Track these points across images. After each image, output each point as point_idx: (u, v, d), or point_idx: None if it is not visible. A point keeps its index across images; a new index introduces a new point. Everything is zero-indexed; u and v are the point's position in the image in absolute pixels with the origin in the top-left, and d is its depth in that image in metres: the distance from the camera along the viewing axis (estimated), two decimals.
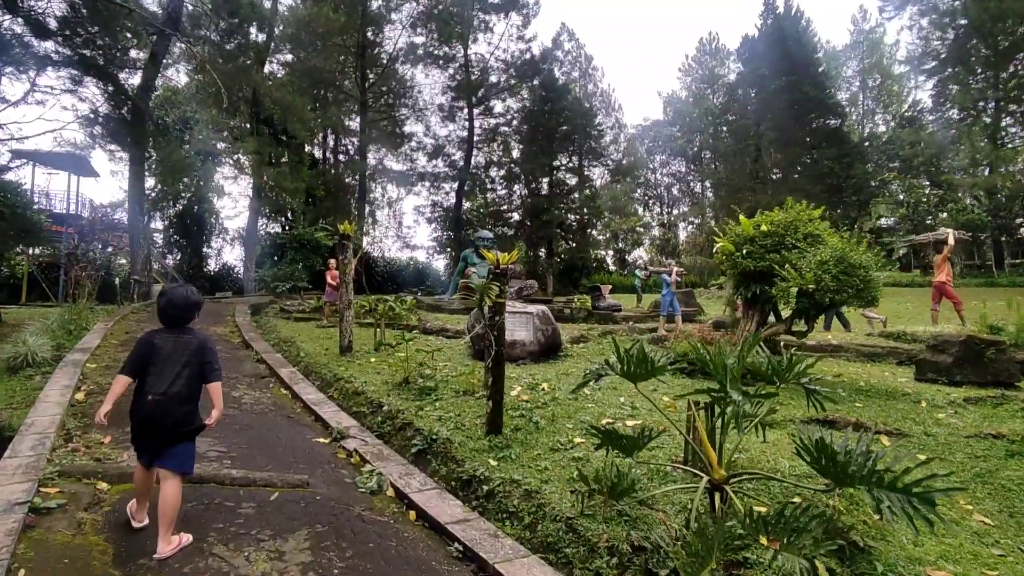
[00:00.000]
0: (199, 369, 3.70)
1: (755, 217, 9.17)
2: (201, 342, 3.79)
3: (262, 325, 14.39)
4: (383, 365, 9.17)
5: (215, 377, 3.78)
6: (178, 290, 3.97)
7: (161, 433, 3.55)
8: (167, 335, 3.73)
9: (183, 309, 3.83)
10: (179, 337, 3.74)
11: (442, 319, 13.99)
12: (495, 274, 5.90)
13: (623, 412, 6.65)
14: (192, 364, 3.67)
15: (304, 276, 18.78)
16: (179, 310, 3.81)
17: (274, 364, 9.17)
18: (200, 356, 3.72)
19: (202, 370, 3.72)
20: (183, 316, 3.83)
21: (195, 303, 3.92)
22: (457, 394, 7.39)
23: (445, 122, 37.23)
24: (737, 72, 39.63)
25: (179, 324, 3.81)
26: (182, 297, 3.87)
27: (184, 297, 3.87)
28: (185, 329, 3.83)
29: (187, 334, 3.79)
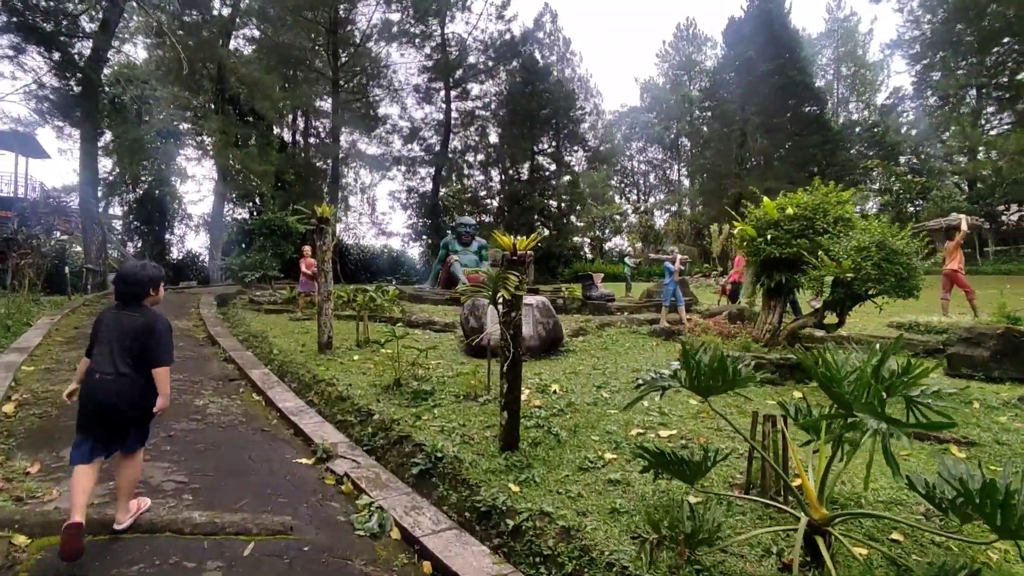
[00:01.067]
0: (143, 352, 3.42)
1: (777, 199, 8.41)
2: (148, 323, 3.48)
3: (230, 318, 13.21)
4: (368, 364, 8.21)
5: (161, 361, 3.48)
6: (130, 264, 3.77)
7: (108, 416, 3.35)
8: (115, 313, 3.52)
9: (133, 284, 3.54)
10: (126, 315, 3.48)
11: (428, 311, 13.01)
12: (511, 261, 4.97)
13: (652, 420, 5.83)
14: (136, 346, 3.41)
15: (275, 264, 17.56)
16: (129, 285, 3.53)
17: (244, 364, 8.11)
18: (144, 338, 3.42)
19: (146, 353, 3.42)
20: (133, 292, 3.53)
21: (147, 278, 3.59)
22: (457, 399, 6.47)
23: (421, 104, 35.93)
24: (720, 56, 39.10)
25: (130, 301, 3.53)
26: (132, 271, 3.61)
27: (133, 272, 3.59)
28: (136, 307, 3.53)
29: (135, 312, 3.50)
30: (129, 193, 34.50)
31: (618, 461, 4.84)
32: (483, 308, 9.08)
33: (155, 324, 3.50)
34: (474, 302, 9.27)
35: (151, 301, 3.65)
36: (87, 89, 16.54)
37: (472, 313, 9.12)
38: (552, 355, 9.17)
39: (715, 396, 3.61)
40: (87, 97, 16.42)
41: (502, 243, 5.05)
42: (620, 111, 60.20)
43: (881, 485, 4.24)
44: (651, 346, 10.24)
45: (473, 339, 8.94)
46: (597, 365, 8.38)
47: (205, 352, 9.25)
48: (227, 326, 11.98)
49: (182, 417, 5.63)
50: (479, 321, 8.99)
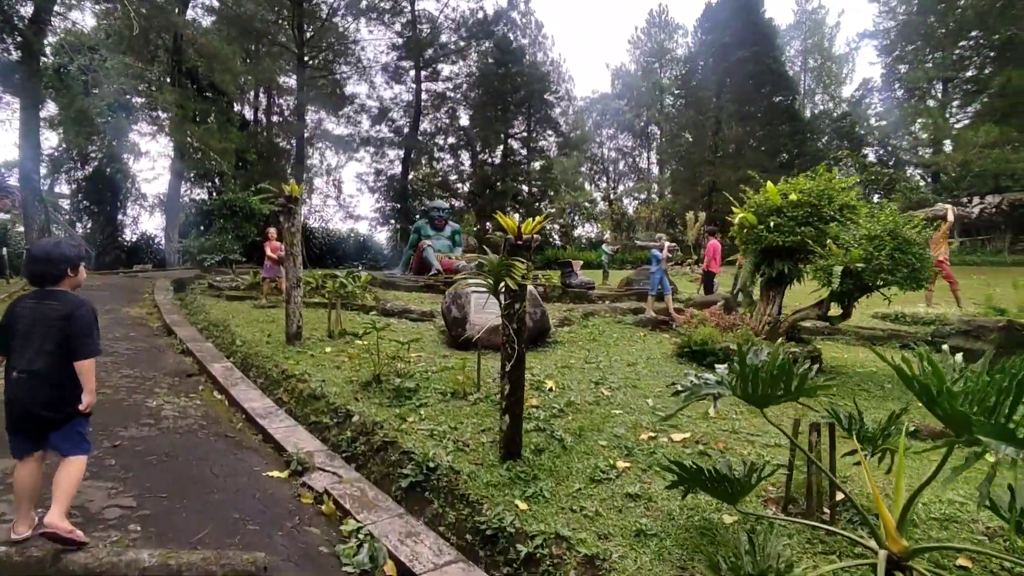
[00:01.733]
0: (64, 343, 3.01)
1: (779, 185, 8.00)
2: (68, 310, 3.06)
3: (188, 305, 12.29)
4: (342, 357, 7.54)
5: (85, 352, 3.06)
6: (43, 241, 3.37)
7: (33, 419, 3.00)
8: (30, 300, 3.10)
9: (45, 264, 3.09)
10: (41, 303, 3.07)
11: (402, 298, 12.32)
12: (515, 246, 4.38)
13: (658, 420, 5.35)
14: (54, 337, 3.01)
15: (237, 247, 16.55)
16: (41, 265, 3.09)
17: (204, 357, 7.34)
18: (64, 328, 3.02)
19: (68, 344, 3.02)
20: (47, 273, 3.10)
21: (62, 257, 3.13)
22: (445, 397, 5.89)
23: (390, 84, 34.67)
24: (692, 44, 38.83)
25: (43, 284, 3.11)
26: (43, 249, 3.16)
27: (46, 250, 3.15)
28: (51, 292, 3.10)
29: (51, 299, 3.08)
30: (78, 171, 32.52)
31: (633, 470, 4.34)
32: (466, 297, 8.48)
33: (77, 311, 3.08)
34: (456, 290, 8.66)
35: (71, 284, 3.20)
36: (27, 54, 15.14)
37: (455, 302, 8.51)
38: (540, 347, 8.63)
39: None
40: (27, 63, 15.02)
41: (506, 225, 4.46)
42: (591, 97, 59.78)
43: (930, 499, 3.83)
44: (640, 337, 9.80)
45: (457, 331, 8.35)
46: (589, 358, 7.88)
47: (159, 343, 8.41)
48: (185, 314, 11.09)
49: (131, 422, 4.90)
50: (462, 311, 8.39)
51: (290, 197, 8.24)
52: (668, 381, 6.73)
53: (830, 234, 7.24)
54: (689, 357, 7.59)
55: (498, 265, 4.35)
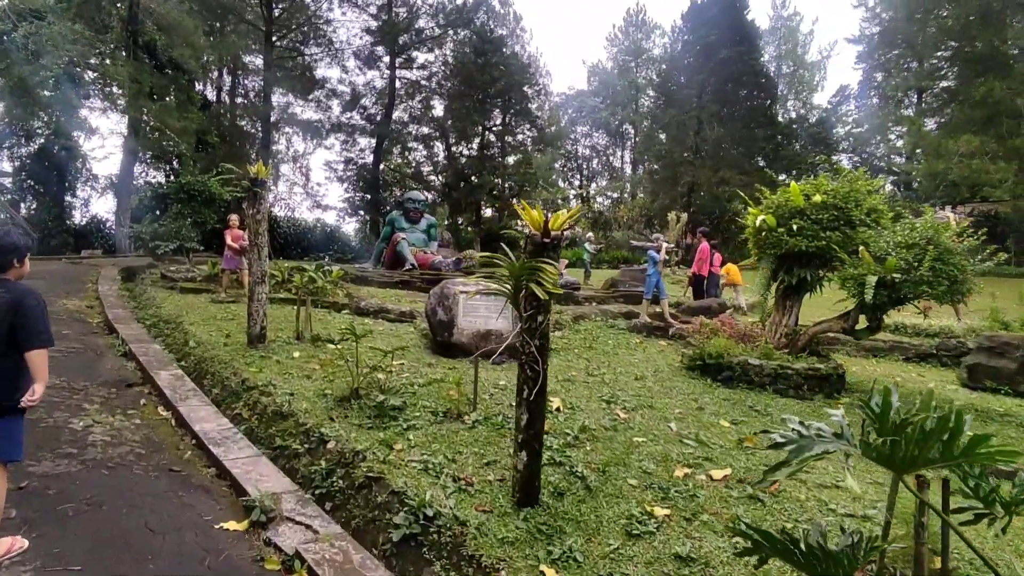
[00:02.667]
0: (9, 333, 2.90)
1: (801, 185, 7.36)
2: (15, 299, 2.94)
3: (136, 297, 11.09)
4: (313, 364, 6.60)
5: (34, 343, 2.93)
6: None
7: None
8: None
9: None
10: None
11: (377, 295, 11.35)
12: (539, 246, 3.56)
13: (690, 451, 4.61)
14: (1, 327, 2.88)
15: (194, 235, 15.22)
16: None
17: (149, 362, 6.30)
18: (11, 317, 2.90)
19: (13, 335, 2.90)
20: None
21: (10, 246, 3.04)
22: (436, 417, 5.04)
23: (363, 70, 33.22)
24: (675, 41, 38.33)
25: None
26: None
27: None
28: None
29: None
30: (21, 147, 30.32)
31: (675, 520, 3.58)
32: (454, 298, 7.61)
33: (24, 300, 2.96)
34: (443, 290, 7.78)
35: (15, 274, 3.09)
36: None
37: (441, 303, 7.62)
38: None
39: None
40: None
41: (529, 220, 3.62)
42: (567, 93, 59.19)
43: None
44: (637, 344, 9.10)
45: (443, 335, 7.48)
46: (591, 370, 7.12)
47: (98, 343, 7.29)
48: (132, 308, 9.92)
49: (47, 452, 3.90)
50: (449, 313, 7.52)
51: (256, 180, 7.24)
52: (685, 399, 6.03)
53: (859, 240, 6.62)
54: (701, 371, 6.89)
55: (521, 268, 3.51)
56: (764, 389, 6.39)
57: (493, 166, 30.75)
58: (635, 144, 59.16)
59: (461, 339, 7.42)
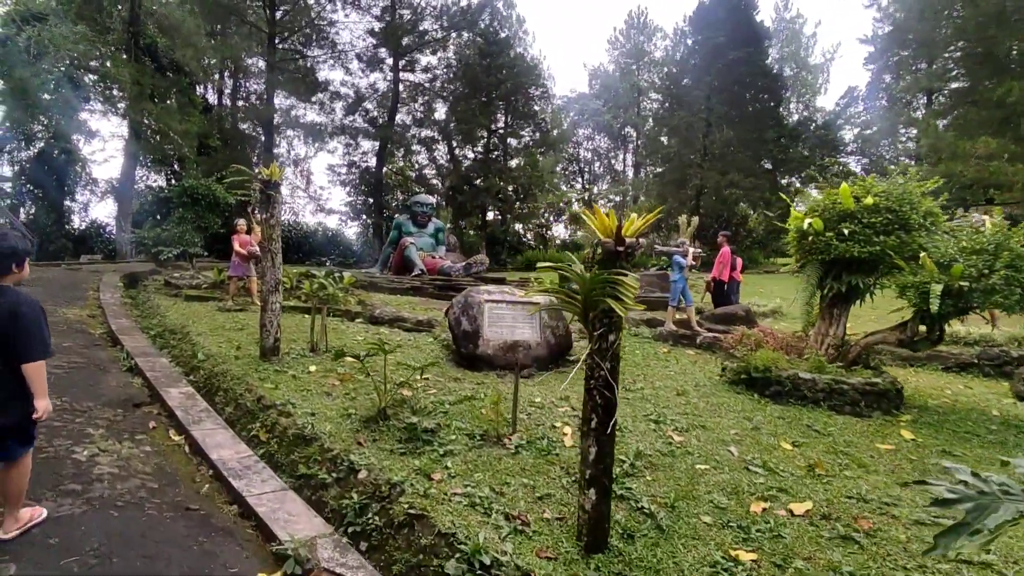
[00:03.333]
0: (7, 344, 2.76)
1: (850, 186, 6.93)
2: (10, 306, 2.79)
3: (140, 305, 10.64)
4: (331, 379, 6.17)
5: (32, 355, 2.80)
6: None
7: None
8: None
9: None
10: None
11: (389, 302, 10.91)
12: (612, 254, 3.13)
13: (760, 481, 4.17)
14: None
15: (197, 240, 14.80)
16: None
17: (157, 378, 5.86)
18: (7, 325, 2.75)
19: (11, 345, 2.76)
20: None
21: (8, 250, 2.86)
22: (474, 440, 4.60)
23: (366, 72, 32.80)
24: (680, 42, 37.96)
25: None
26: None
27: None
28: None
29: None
30: (21, 151, 29.93)
31: (765, 567, 3.14)
32: (479, 307, 7.18)
33: (21, 306, 2.84)
34: (467, 299, 7.35)
35: (13, 279, 2.97)
36: None
37: (465, 313, 7.19)
38: (563, 367, 7.39)
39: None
40: None
41: (597, 225, 3.19)
42: (569, 96, 58.83)
43: None
44: (666, 355, 8.67)
45: (467, 347, 7.03)
46: (627, 384, 6.68)
47: (101, 357, 6.83)
48: (135, 317, 9.48)
49: (49, 488, 3.45)
50: (474, 324, 7.08)
51: (269, 182, 6.81)
52: (736, 417, 5.59)
53: (916, 245, 6.20)
54: (746, 385, 6.45)
55: (594, 281, 3.07)
56: (818, 405, 5.95)
57: (498, 169, 30.30)
58: (637, 147, 58.81)
59: (487, 351, 6.99)
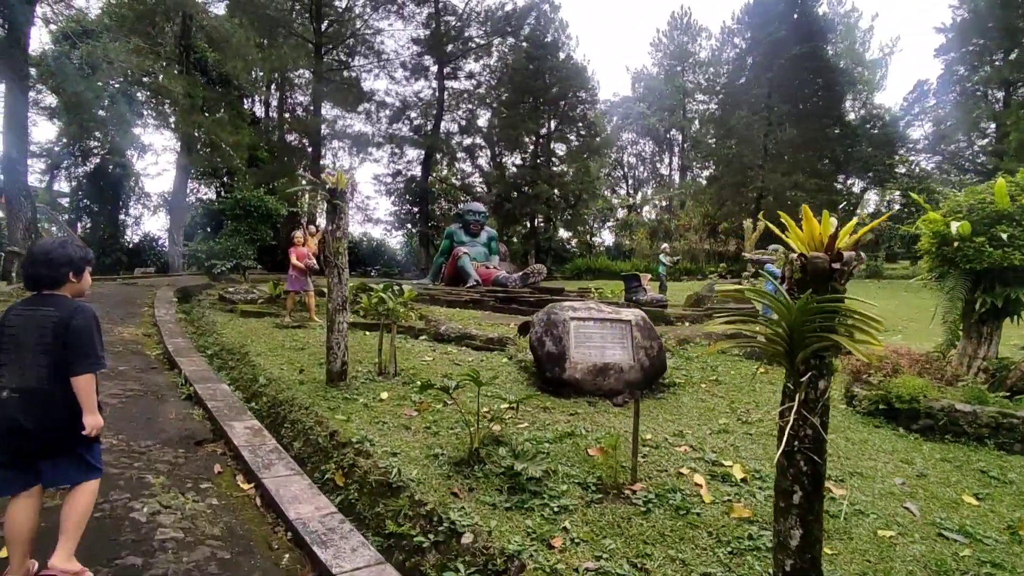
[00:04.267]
0: (61, 356, 2.56)
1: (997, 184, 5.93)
2: (65, 317, 2.60)
3: (194, 321, 10.28)
4: (405, 407, 5.51)
5: (82, 367, 2.59)
6: (45, 241, 2.90)
7: (22, 447, 2.54)
8: (23, 307, 2.66)
9: (46, 266, 2.65)
10: (37, 310, 2.62)
11: (453, 317, 10.26)
12: (823, 273, 2.34)
13: (965, 553, 3.28)
14: (51, 349, 2.56)
15: (250, 252, 14.54)
16: (41, 267, 2.66)
17: (218, 408, 5.29)
18: (61, 337, 2.56)
19: (65, 358, 2.56)
20: (48, 277, 2.66)
21: (66, 259, 2.69)
22: (588, 491, 3.85)
23: (410, 80, 32.61)
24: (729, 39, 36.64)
25: (40, 287, 2.68)
26: (46, 249, 2.71)
27: (47, 250, 2.70)
28: (49, 298, 2.66)
29: (48, 305, 2.63)
30: (78, 167, 30.79)
31: None
32: (564, 325, 6.43)
33: (74, 317, 2.60)
34: (550, 315, 6.61)
35: (72, 291, 2.74)
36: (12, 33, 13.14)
37: (549, 332, 6.45)
38: (657, 393, 6.57)
39: None
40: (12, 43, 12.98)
41: (804, 234, 2.41)
42: (612, 100, 57.86)
43: None
44: (763, 376, 7.75)
45: (552, 370, 6.28)
46: (741, 414, 5.82)
47: (158, 383, 6.34)
48: (191, 335, 9.07)
49: (104, 559, 2.85)
50: (559, 344, 6.33)
51: (335, 191, 6.23)
52: (889, 460, 4.68)
53: None
54: (886, 417, 5.51)
55: (805, 311, 2.27)
56: (982, 444, 4.99)
57: (547, 175, 29.53)
58: (683, 150, 57.42)
59: (574, 375, 6.23)
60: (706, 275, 26.72)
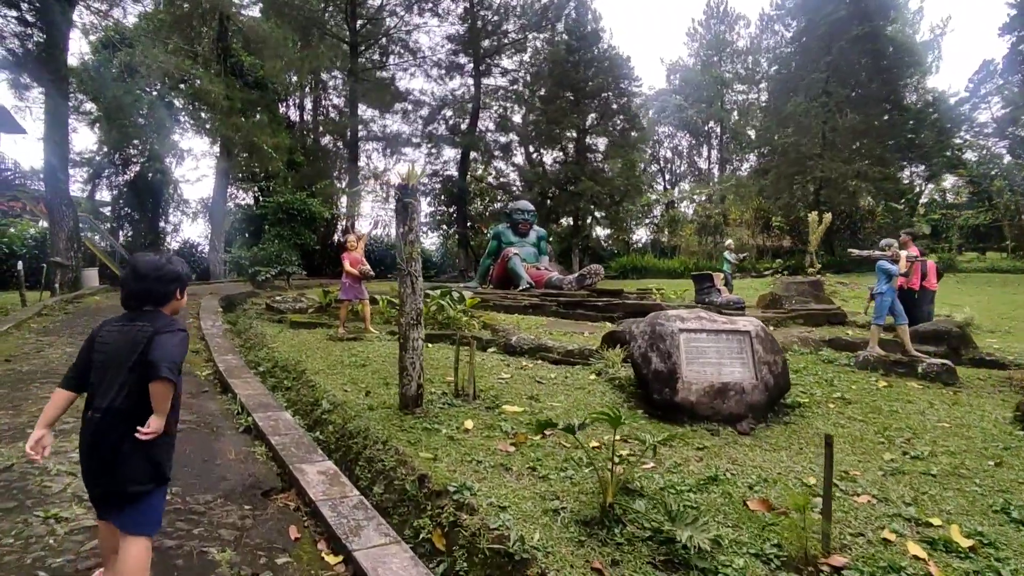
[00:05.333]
0: (143, 370, 2.33)
1: None
2: (157, 330, 2.40)
3: (242, 333, 9.63)
4: (497, 439, 4.67)
5: (158, 372, 2.27)
6: (148, 256, 2.64)
7: (102, 470, 2.35)
8: (117, 324, 2.49)
9: (154, 281, 2.51)
10: (131, 326, 2.45)
11: (521, 326, 9.38)
12: None
13: None
14: (133, 363, 2.37)
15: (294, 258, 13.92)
16: (147, 282, 2.50)
17: (284, 446, 4.51)
18: (144, 352, 2.34)
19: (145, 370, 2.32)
20: (152, 292, 2.51)
21: (172, 275, 2.57)
22: (771, 569, 2.92)
23: (445, 78, 31.90)
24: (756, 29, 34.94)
25: (143, 304, 2.51)
26: (152, 265, 2.54)
27: (155, 265, 2.55)
28: (145, 314, 2.49)
29: (143, 320, 2.45)
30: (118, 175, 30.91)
31: None
32: (673, 338, 5.50)
33: (163, 330, 2.40)
34: (654, 327, 5.68)
35: (172, 308, 2.61)
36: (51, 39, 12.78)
37: (654, 346, 5.52)
38: (783, 416, 5.59)
39: None
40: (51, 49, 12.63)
41: None
42: (647, 94, 56.36)
43: None
44: (887, 388, 6.70)
45: (662, 391, 5.35)
46: (898, 443, 4.81)
47: (211, 411, 5.60)
48: (239, 349, 8.39)
49: None
50: (668, 361, 5.40)
51: (406, 188, 5.41)
52: None
53: None
54: None
55: None
56: None
57: (592, 171, 28.46)
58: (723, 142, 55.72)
59: (688, 397, 5.29)
60: (760, 272, 25.38)
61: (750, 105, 51.91)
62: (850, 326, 11.41)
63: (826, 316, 11.44)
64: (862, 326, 11.46)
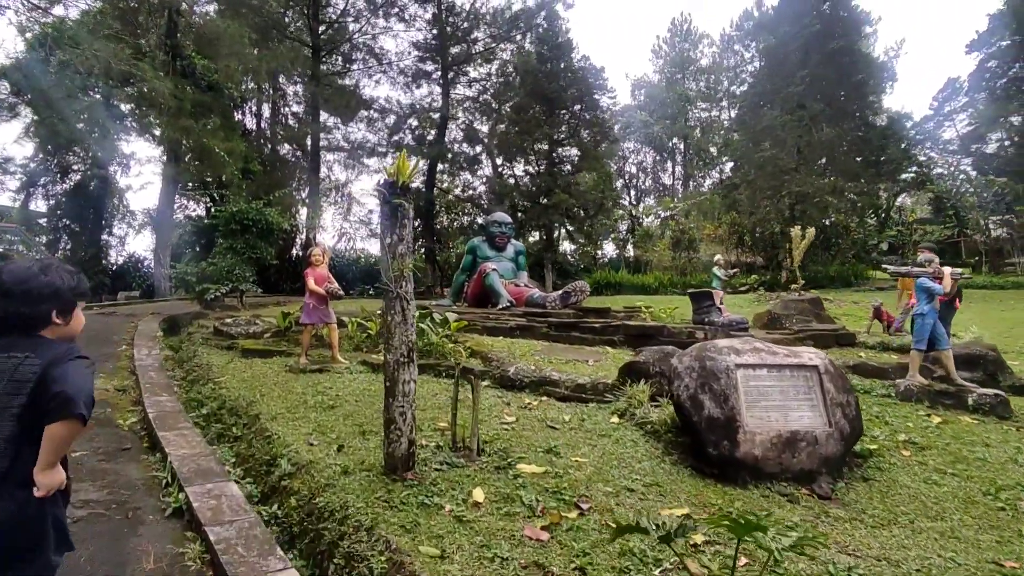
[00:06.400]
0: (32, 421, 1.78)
1: None
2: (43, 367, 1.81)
3: (185, 363, 8.18)
4: (520, 519, 3.50)
5: (74, 408, 1.76)
6: (16, 265, 1.99)
7: None
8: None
9: (19, 300, 1.87)
10: (7, 357, 1.83)
11: (514, 352, 8.19)
12: None
13: None
14: (14, 410, 1.78)
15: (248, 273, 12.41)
16: (12, 302, 1.87)
17: (230, 543, 3.21)
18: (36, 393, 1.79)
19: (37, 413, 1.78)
20: (22, 315, 1.88)
21: (45, 290, 1.92)
22: None
23: (411, 86, 30.73)
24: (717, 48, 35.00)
25: (11, 330, 1.88)
26: (19, 276, 1.90)
27: (20, 278, 1.90)
28: (22, 341, 1.88)
29: (20, 350, 1.85)
30: (56, 184, 28.62)
31: None
32: (729, 376, 4.43)
33: (53, 368, 1.80)
34: (704, 362, 4.61)
35: (58, 333, 1.96)
36: None
37: (707, 386, 4.45)
38: (856, 469, 4.57)
39: None
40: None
41: None
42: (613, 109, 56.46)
43: None
44: (939, 425, 5.81)
45: (720, 443, 4.25)
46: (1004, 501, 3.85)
47: (130, 480, 4.23)
48: (179, 383, 6.98)
49: None
50: (724, 404, 4.34)
51: (393, 185, 4.22)
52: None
53: None
54: None
55: None
56: None
57: (566, 183, 27.61)
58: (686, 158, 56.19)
59: (752, 451, 4.22)
60: (736, 288, 24.90)
61: (712, 123, 52.45)
62: (859, 347, 10.67)
63: (835, 337, 10.66)
64: (871, 347, 10.74)
